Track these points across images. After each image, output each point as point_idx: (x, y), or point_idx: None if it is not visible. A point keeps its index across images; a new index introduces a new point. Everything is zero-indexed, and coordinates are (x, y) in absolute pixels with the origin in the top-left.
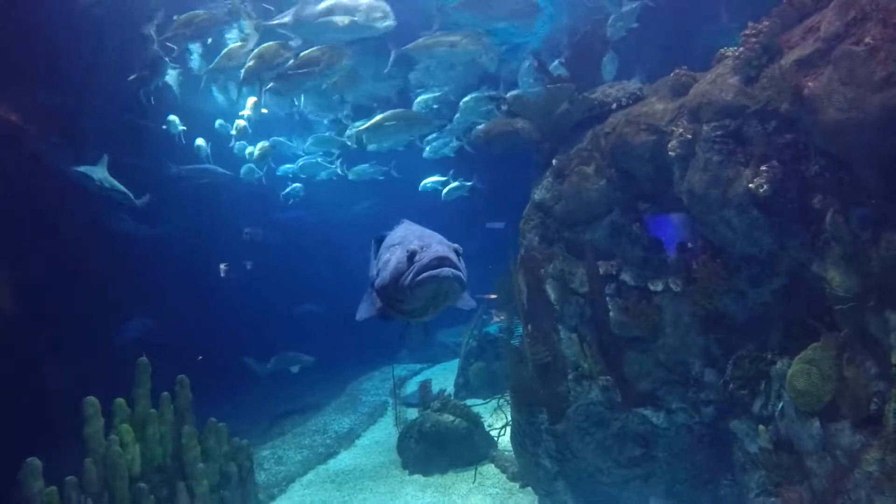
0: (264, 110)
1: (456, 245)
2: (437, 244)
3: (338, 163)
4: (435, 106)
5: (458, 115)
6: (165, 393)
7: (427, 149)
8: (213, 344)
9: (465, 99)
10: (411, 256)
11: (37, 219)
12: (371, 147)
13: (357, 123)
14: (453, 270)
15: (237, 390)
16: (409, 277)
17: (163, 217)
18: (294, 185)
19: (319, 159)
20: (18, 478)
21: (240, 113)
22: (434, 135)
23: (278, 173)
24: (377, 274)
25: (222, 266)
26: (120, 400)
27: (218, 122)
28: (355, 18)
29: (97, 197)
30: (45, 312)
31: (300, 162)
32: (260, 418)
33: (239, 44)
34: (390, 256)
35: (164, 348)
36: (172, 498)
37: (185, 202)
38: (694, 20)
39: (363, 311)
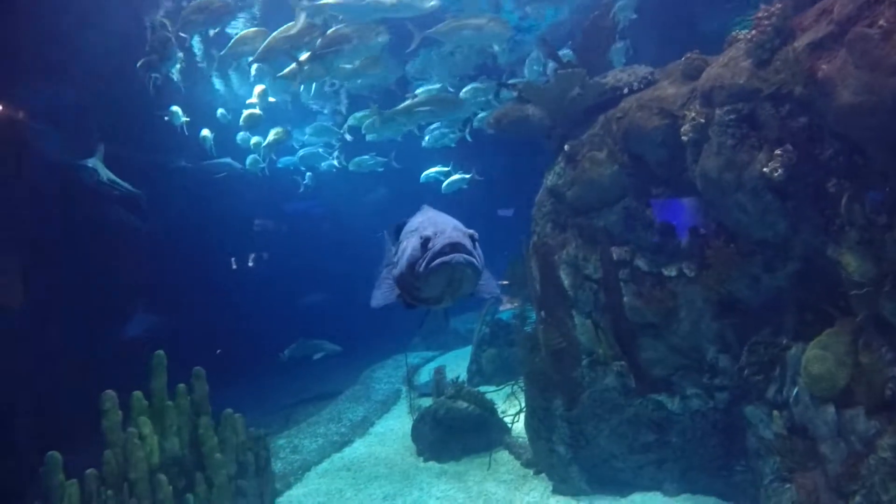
0: (272, 99)
1: (471, 231)
2: (451, 230)
3: (335, 153)
4: None
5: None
6: (182, 385)
7: (427, 138)
8: (226, 335)
9: (466, 89)
10: (425, 243)
11: (43, 214)
12: (371, 137)
13: (358, 114)
14: (466, 256)
15: (251, 381)
16: (423, 264)
17: (172, 209)
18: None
19: (320, 149)
20: (40, 472)
21: (247, 101)
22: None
23: (279, 165)
24: (396, 262)
25: (233, 259)
26: (137, 393)
27: (220, 111)
28: None
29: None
30: (55, 309)
31: (301, 153)
32: (275, 408)
33: (254, 29)
34: (406, 244)
35: (178, 341)
36: (191, 488)
37: (194, 194)
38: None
39: (379, 299)
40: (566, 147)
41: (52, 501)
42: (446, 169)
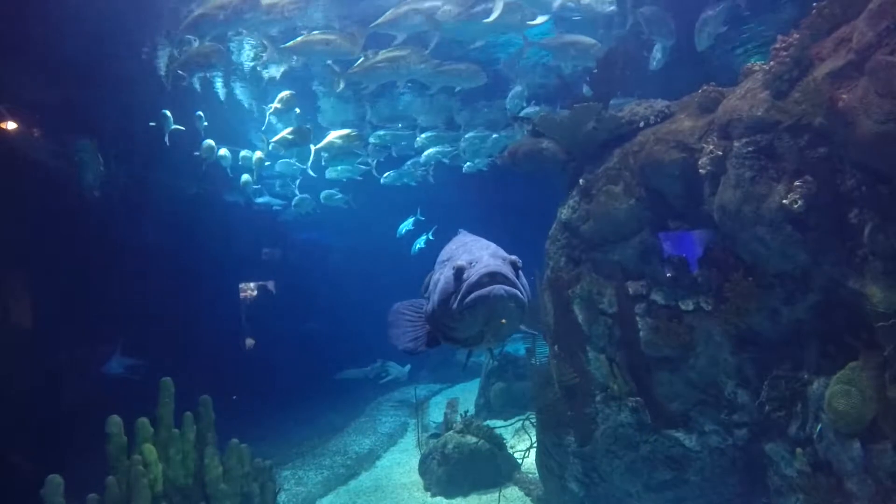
0: (297, 110)
1: (513, 257)
2: (488, 257)
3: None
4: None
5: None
6: (188, 413)
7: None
8: (230, 365)
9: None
10: (458, 274)
11: (49, 228)
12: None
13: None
14: (507, 288)
15: (256, 411)
16: (457, 300)
17: (190, 238)
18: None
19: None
20: (40, 495)
21: (269, 106)
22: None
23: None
24: (427, 297)
25: (242, 286)
26: (143, 419)
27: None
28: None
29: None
30: (62, 325)
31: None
32: (280, 439)
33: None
34: (439, 276)
35: (185, 368)
36: None
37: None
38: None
39: (406, 340)
40: (581, 181)
41: None
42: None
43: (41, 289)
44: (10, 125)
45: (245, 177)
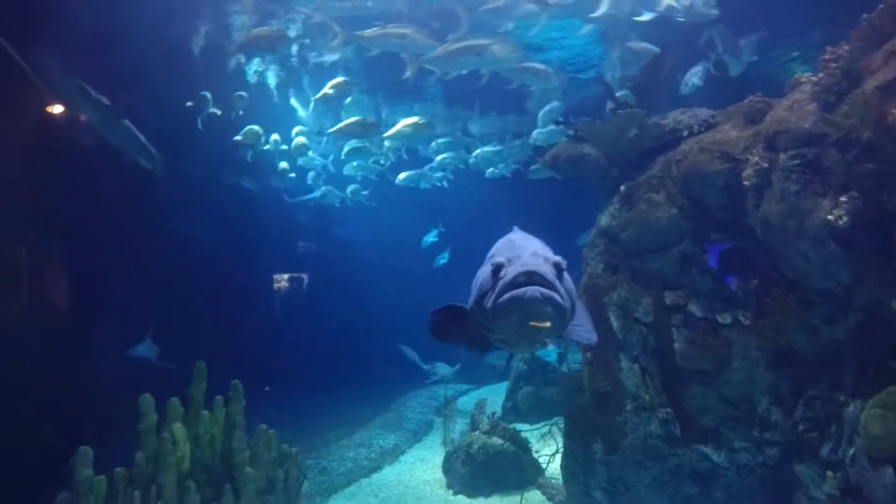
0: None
1: (557, 258)
2: (528, 255)
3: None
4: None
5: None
6: (219, 396)
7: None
8: (261, 353)
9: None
10: (496, 271)
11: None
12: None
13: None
14: (544, 290)
15: (284, 399)
16: (492, 299)
17: (221, 223)
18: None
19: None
20: (69, 464)
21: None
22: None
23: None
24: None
25: (274, 277)
26: (175, 399)
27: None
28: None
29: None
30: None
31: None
32: (305, 428)
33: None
34: (479, 273)
35: (218, 354)
36: (218, 498)
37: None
38: None
39: (444, 331)
40: (622, 188)
41: (79, 494)
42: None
43: (78, 270)
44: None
45: (283, 164)
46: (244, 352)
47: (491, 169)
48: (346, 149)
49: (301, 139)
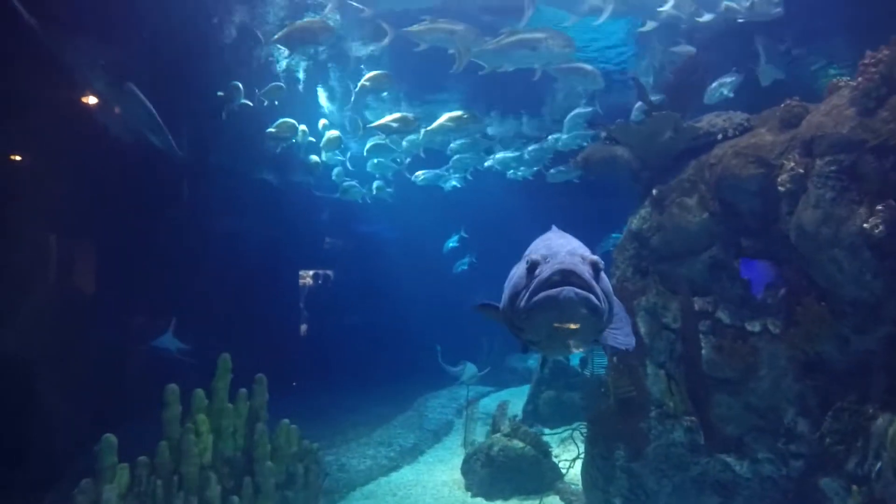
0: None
1: (595, 257)
2: (564, 254)
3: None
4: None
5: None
6: (243, 389)
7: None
8: (285, 349)
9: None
10: (531, 269)
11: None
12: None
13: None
14: (579, 291)
15: (306, 394)
16: (525, 298)
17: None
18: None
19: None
20: (94, 451)
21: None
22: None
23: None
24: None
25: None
26: (199, 391)
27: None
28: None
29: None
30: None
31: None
32: (327, 424)
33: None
34: (514, 271)
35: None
36: (238, 490)
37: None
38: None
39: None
40: (654, 191)
41: (101, 481)
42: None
43: (104, 263)
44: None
45: (314, 158)
46: (267, 346)
47: (512, 171)
48: (368, 145)
49: (334, 132)
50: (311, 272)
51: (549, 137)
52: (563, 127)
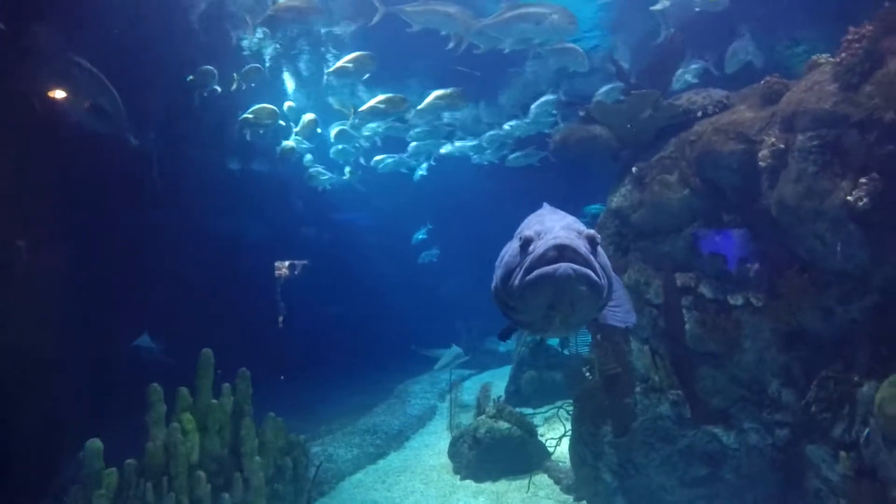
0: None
1: (591, 231)
2: (559, 228)
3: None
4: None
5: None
6: (227, 385)
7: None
8: (263, 341)
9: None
10: (524, 246)
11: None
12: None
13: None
14: (577, 267)
15: (287, 386)
16: (519, 276)
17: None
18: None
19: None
20: (79, 458)
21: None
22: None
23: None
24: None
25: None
26: (183, 389)
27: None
28: None
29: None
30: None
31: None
32: (310, 415)
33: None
34: (506, 249)
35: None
36: (227, 488)
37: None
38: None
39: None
40: (634, 169)
41: (90, 488)
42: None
43: (76, 263)
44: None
45: (288, 143)
46: (244, 340)
47: (476, 157)
48: (333, 131)
49: (310, 115)
50: (286, 263)
51: (506, 125)
52: (530, 114)
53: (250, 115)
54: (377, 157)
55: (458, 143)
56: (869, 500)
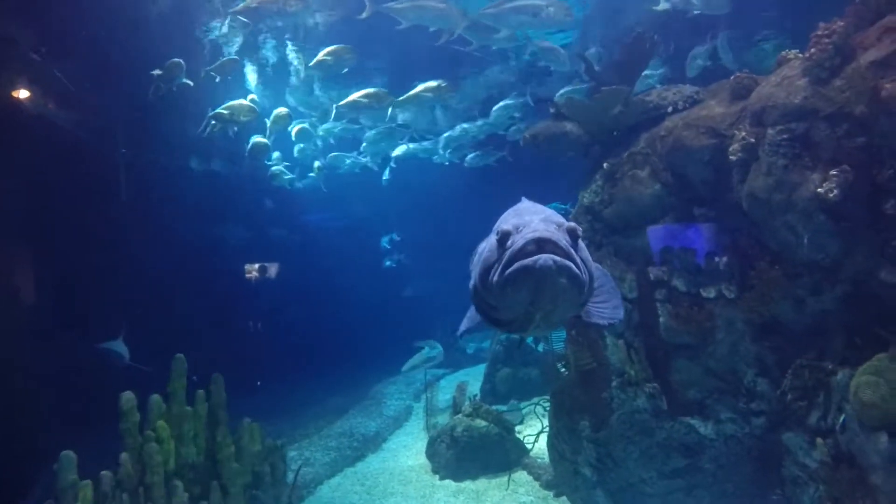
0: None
1: (571, 224)
2: (538, 221)
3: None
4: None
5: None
6: (200, 391)
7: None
8: (234, 345)
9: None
10: (502, 240)
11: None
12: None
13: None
14: (558, 259)
15: (259, 391)
16: (497, 272)
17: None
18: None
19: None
20: (53, 469)
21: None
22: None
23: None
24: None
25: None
26: (156, 396)
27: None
28: None
29: None
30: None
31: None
32: (285, 419)
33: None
34: (483, 245)
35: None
36: (205, 496)
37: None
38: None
39: (465, 324)
40: (605, 165)
41: (64, 501)
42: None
43: (43, 269)
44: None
45: (259, 140)
46: (215, 344)
47: (437, 156)
48: (294, 129)
49: (283, 109)
50: (256, 265)
51: (459, 126)
52: (491, 115)
53: (225, 112)
54: (332, 154)
55: (412, 145)
56: (847, 485)
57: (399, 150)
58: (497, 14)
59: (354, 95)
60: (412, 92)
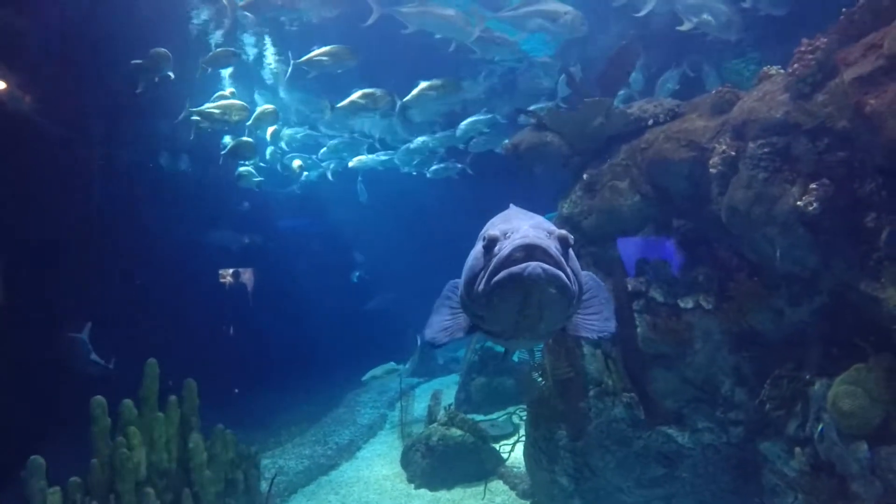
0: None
1: (562, 231)
2: (527, 227)
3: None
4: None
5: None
6: (173, 397)
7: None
8: (206, 351)
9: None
10: (489, 247)
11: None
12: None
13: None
14: (547, 267)
15: (233, 398)
16: (484, 279)
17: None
18: None
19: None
20: (21, 476)
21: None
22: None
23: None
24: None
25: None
26: (127, 401)
27: None
28: None
29: None
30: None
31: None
32: (257, 426)
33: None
34: (472, 253)
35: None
36: (178, 503)
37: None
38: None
39: (436, 328)
40: (585, 176)
41: None
42: None
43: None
44: None
45: (245, 140)
46: (187, 349)
47: (406, 168)
48: (269, 132)
49: (269, 106)
50: (230, 271)
51: (417, 139)
52: (459, 129)
53: (216, 110)
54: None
55: (371, 156)
56: (827, 494)
57: (356, 161)
58: (517, 17)
59: (354, 96)
60: (416, 90)
